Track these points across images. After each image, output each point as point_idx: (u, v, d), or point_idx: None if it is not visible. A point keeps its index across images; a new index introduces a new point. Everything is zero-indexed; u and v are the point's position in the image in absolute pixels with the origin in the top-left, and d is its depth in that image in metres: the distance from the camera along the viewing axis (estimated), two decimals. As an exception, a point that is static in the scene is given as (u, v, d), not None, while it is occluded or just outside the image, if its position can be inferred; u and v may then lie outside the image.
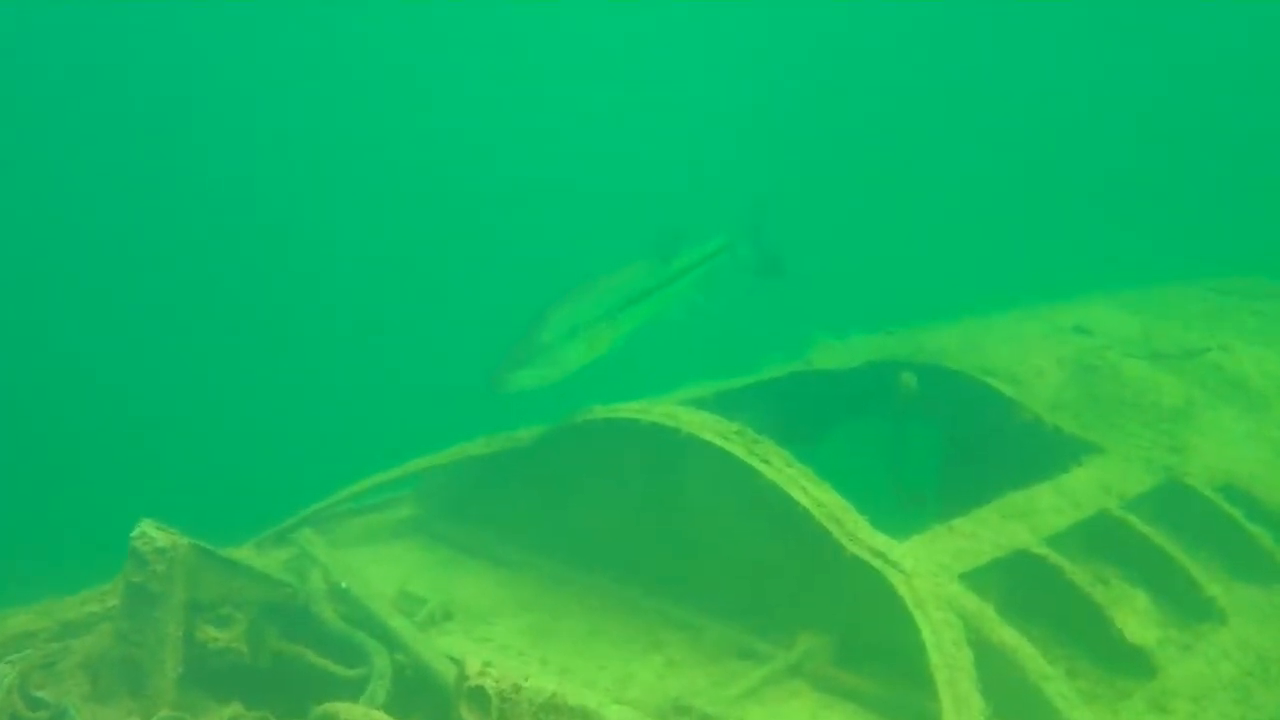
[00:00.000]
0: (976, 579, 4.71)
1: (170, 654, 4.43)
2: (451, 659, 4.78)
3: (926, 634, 4.31)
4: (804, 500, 4.71)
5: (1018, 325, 7.09)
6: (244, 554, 5.46)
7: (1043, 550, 4.90)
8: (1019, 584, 4.87)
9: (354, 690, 4.70)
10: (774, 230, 5.95)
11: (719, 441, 4.93)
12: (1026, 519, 5.06)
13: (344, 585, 5.31)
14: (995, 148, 23.12)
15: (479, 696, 3.69)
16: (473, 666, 3.73)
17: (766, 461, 4.84)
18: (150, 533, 4.45)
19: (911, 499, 6.95)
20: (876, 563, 4.57)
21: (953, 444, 6.86)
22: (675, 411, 5.15)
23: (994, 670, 4.32)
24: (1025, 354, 6.40)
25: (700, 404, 5.98)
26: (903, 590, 4.47)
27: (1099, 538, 5.18)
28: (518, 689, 3.66)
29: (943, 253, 19.92)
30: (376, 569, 5.66)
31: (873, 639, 4.66)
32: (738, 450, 4.88)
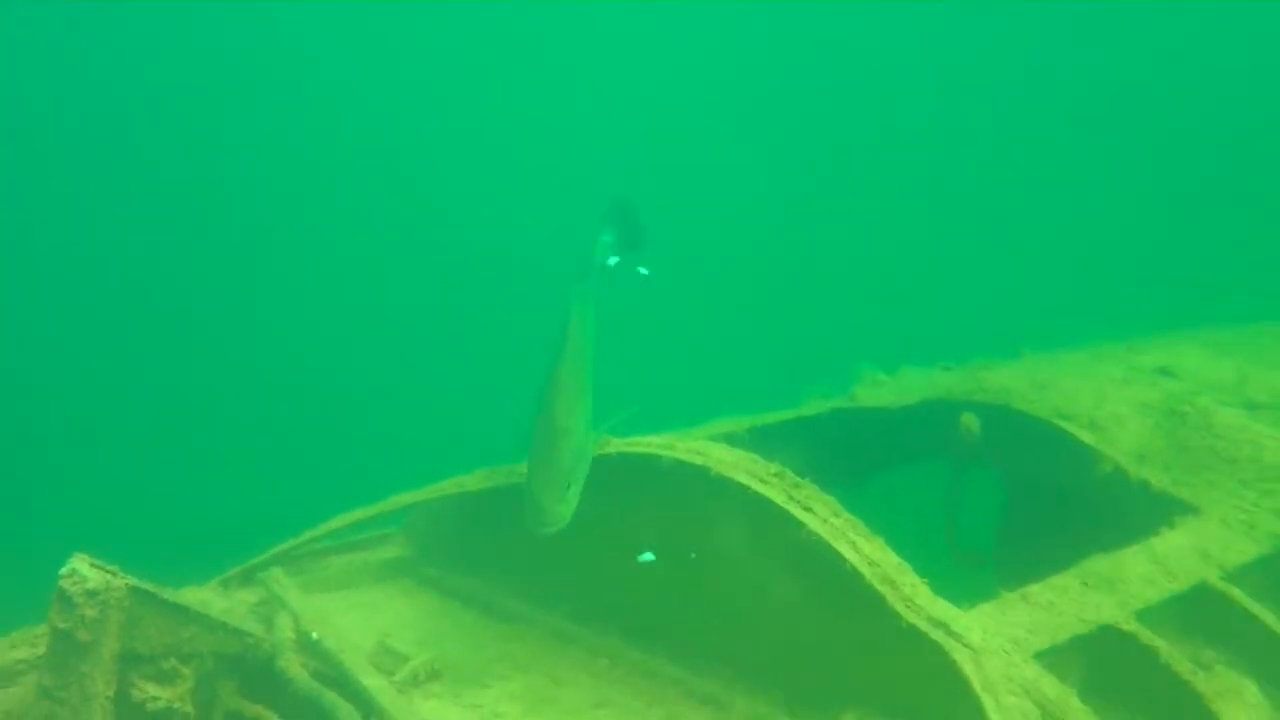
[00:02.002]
0: (1055, 658, 4.15)
1: (98, 715, 3.91)
2: (434, 728, 4.28)
3: (997, 724, 3.74)
4: (852, 557, 4.16)
5: (1091, 365, 6.52)
6: (203, 595, 5.00)
7: (1133, 627, 4.33)
8: (1104, 666, 4.29)
9: (319, 762, 4.19)
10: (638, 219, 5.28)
11: (754, 484, 4.39)
12: (1113, 589, 4.49)
13: (315, 636, 4.81)
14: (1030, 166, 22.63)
15: (456, 787, 3.15)
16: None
17: (809, 510, 4.30)
18: (81, 571, 3.95)
19: (968, 558, 6.41)
20: (937, 635, 4.01)
21: (1018, 496, 6.29)
22: (704, 448, 4.62)
23: (1077, 771, 3.76)
24: (1103, 397, 5.83)
25: (732, 440, 5.46)
26: (969, 669, 3.91)
27: (1198, 614, 4.60)
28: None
29: (971, 278, 19.44)
30: (353, 617, 5.16)
31: (930, 723, 4.09)
32: (776, 495, 4.34)
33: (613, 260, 5.03)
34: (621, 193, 5.18)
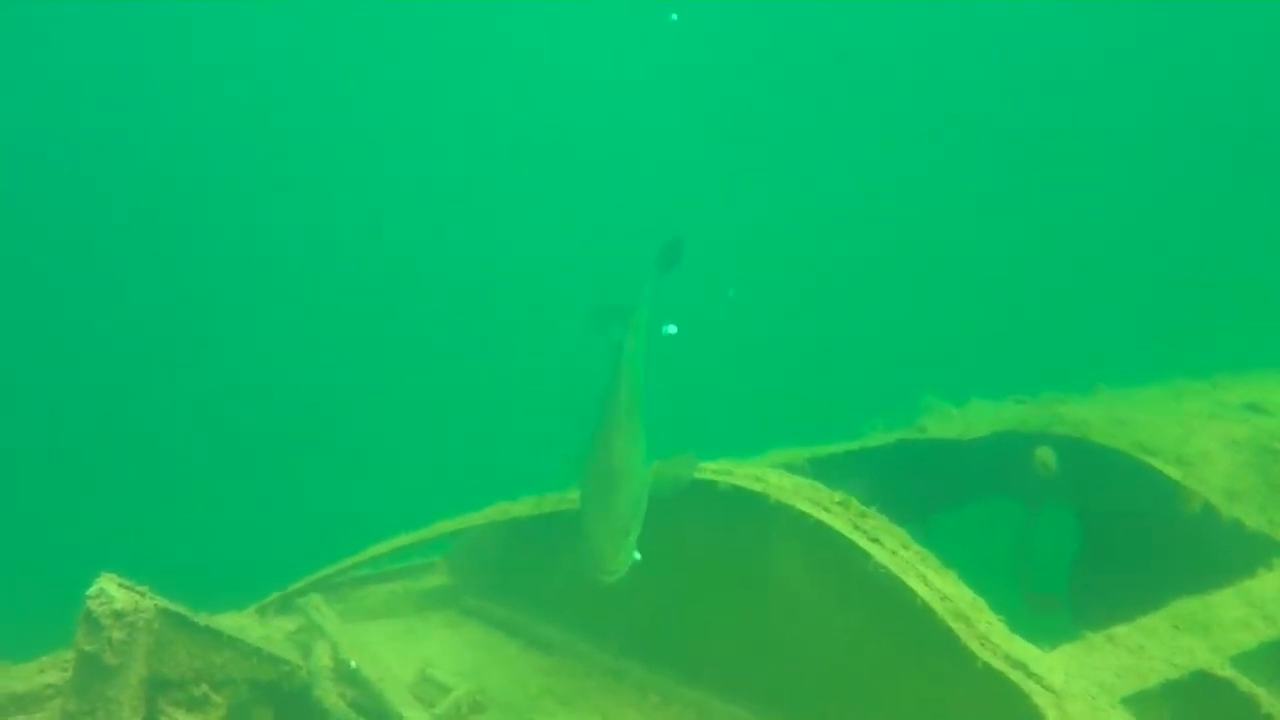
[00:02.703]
0: (1144, 705, 3.85)
1: (124, 742, 3.73)
2: (475, 766, 4.07)
3: (1083, 776, 3.46)
4: (924, 592, 3.90)
5: (1174, 401, 6.22)
6: (239, 621, 4.85)
7: (1229, 673, 4.02)
8: (1195, 715, 3.98)
9: (355, 799, 4.00)
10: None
11: (816, 513, 4.16)
12: (1206, 633, 4.18)
13: (353, 665, 4.63)
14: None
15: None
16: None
17: (876, 541, 4.05)
18: (110, 591, 3.80)
19: (1041, 600, 6.11)
20: (1016, 676, 3.74)
21: (1095, 536, 5.98)
22: (763, 474, 4.39)
23: (1171, 828, 3.46)
24: (1190, 432, 5.52)
25: (790, 470, 5.22)
26: (1051, 715, 3.63)
27: (1299, 661, 4.28)
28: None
29: (1038, 314, 19.05)
30: (394, 647, 4.97)
31: (1007, 774, 3.80)
32: (840, 525, 4.10)
33: (672, 329, 4.88)
34: (676, 234, 4.99)
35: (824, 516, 4.12)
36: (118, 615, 3.80)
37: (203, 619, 4.14)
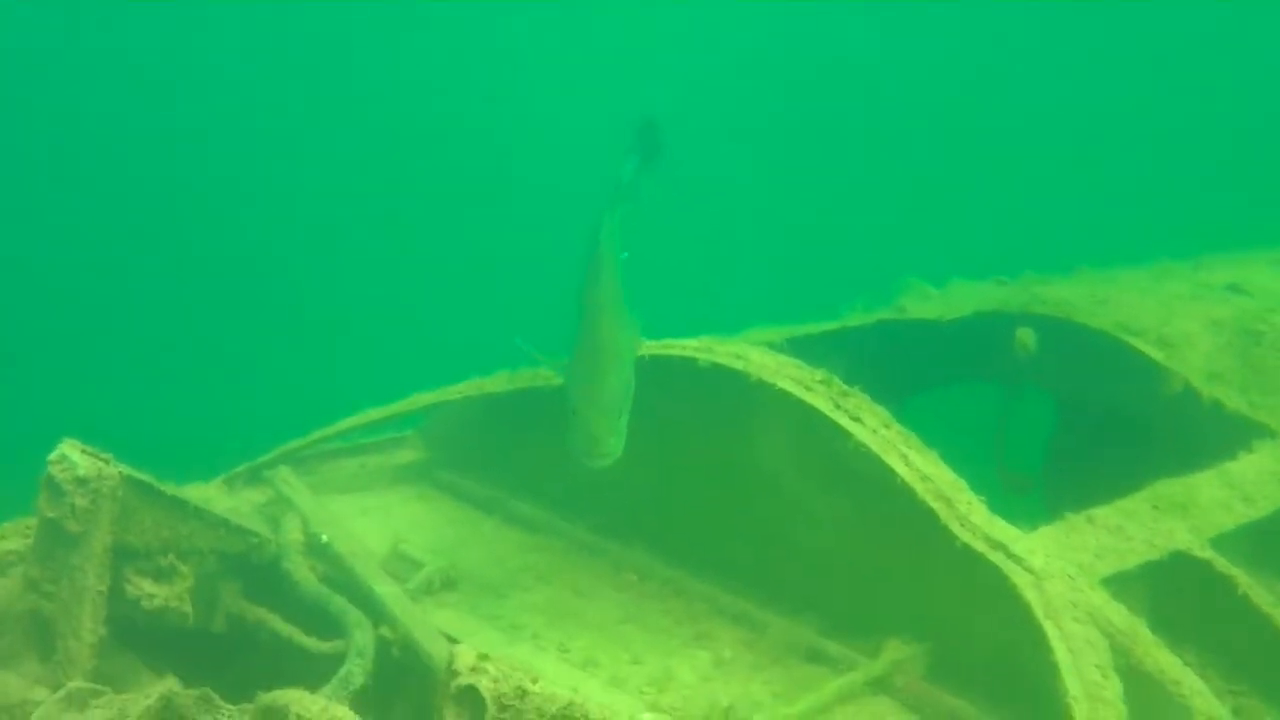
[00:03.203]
0: (1123, 585, 3.85)
1: (89, 611, 3.69)
2: (448, 638, 4.03)
3: (1061, 654, 3.47)
4: (904, 472, 3.87)
5: (1155, 282, 6.15)
6: (206, 492, 4.75)
7: (1207, 554, 4.03)
8: (1176, 595, 4.00)
9: (326, 668, 3.99)
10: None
11: (798, 391, 4.08)
12: (1186, 514, 4.18)
13: (324, 539, 4.57)
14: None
15: (470, 700, 2.90)
16: (465, 659, 2.93)
17: (858, 420, 3.99)
18: (71, 457, 3.69)
19: (1016, 481, 6.12)
20: (995, 556, 3.72)
21: (1073, 417, 5.97)
22: (744, 351, 4.31)
23: (1146, 707, 3.48)
24: (1171, 313, 5.47)
25: (768, 349, 5.15)
26: (1030, 594, 3.62)
27: (1276, 543, 4.29)
28: (522, 693, 2.87)
29: (1018, 195, 18.93)
30: (365, 522, 4.92)
31: (983, 653, 3.83)
32: (821, 403, 4.03)
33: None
34: (648, 115, 4.77)
35: (805, 395, 4.05)
36: (80, 481, 3.70)
37: (169, 488, 4.04)
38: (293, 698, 3.24)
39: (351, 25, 22.97)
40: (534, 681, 2.89)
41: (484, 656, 2.94)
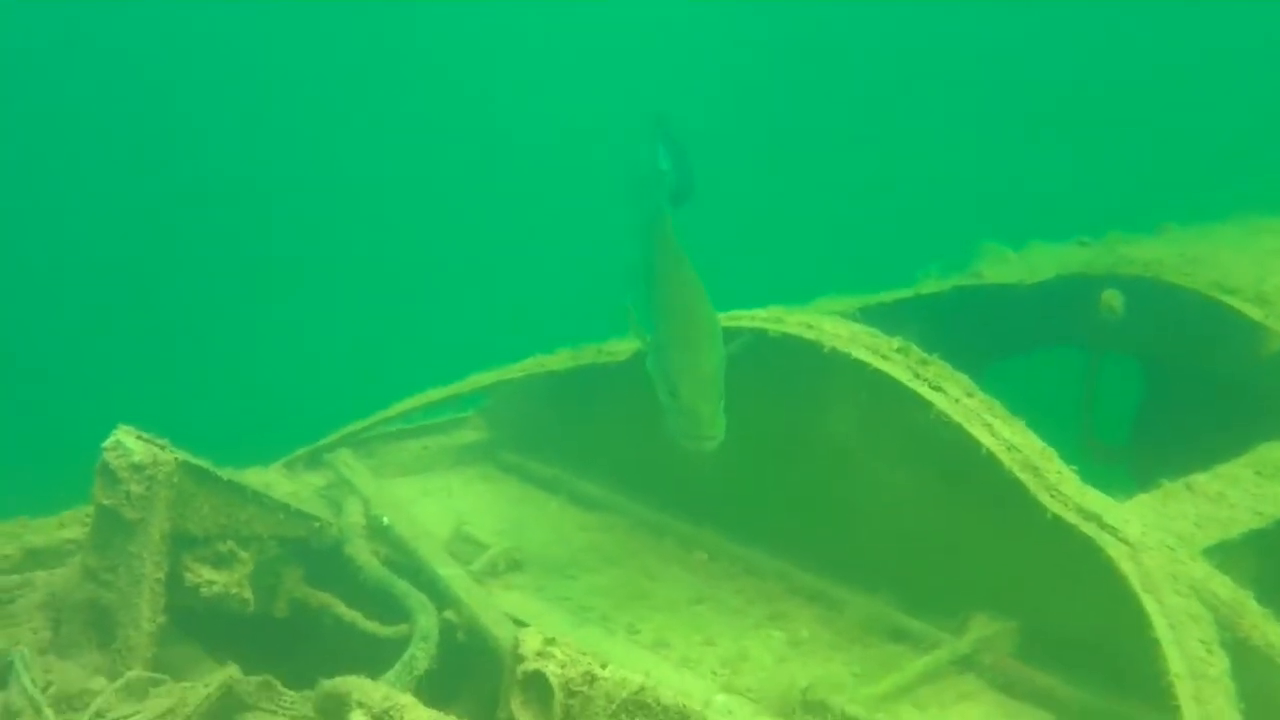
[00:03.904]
0: (1226, 556, 3.64)
1: (147, 599, 3.63)
2: (514, 621, 3.93)
3: (1162, 629, 3.28)
4: (989, 442, 3.69)
5: (1247, 238, 5.87)
6: (267, 477, 4.70)
7: None
8: (1278, 564, 3.78)
9: (390, 653, 3.92)
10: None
11: (874, 361, 3.92)
12: (1292, 479, 3.95)
13: (386, 522, 4.50)
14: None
15: (537, 685, 2.79)
16: (531, 644, 2.82)
17: (939, 389, 3.82)
18: (126, 443, 3.64)
19: (1105, 451, 5.90)
20: (1088, 528, 3.54)
21: (1165, 382, 5.72)
22: (816, 321, 4.15)
23: (1255, 683, 3.28)
24: (1267, 270, 5.20)
25: (841, 319, 4.97)
26: (1126, 567, 3.43)
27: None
28: (591, 679, 2.75)
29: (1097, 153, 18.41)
30: (428, 504, 4.84)
31: (1077, 629, 3.65)
32: (900, 373, 3.87)
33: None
34: (660, 109, 4.59)
35: (882, 364, 3.88)
36: (136, 468, 3.64)
37: (226, 473, 3.98)
38: (354, 685, 3.17)
39: (352, 20, 22.92)
40: (603, 666, 2.76)
41: (551, 640, 2.82)
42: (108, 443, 3.68)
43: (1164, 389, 5.74)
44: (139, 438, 3.71)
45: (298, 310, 15.64)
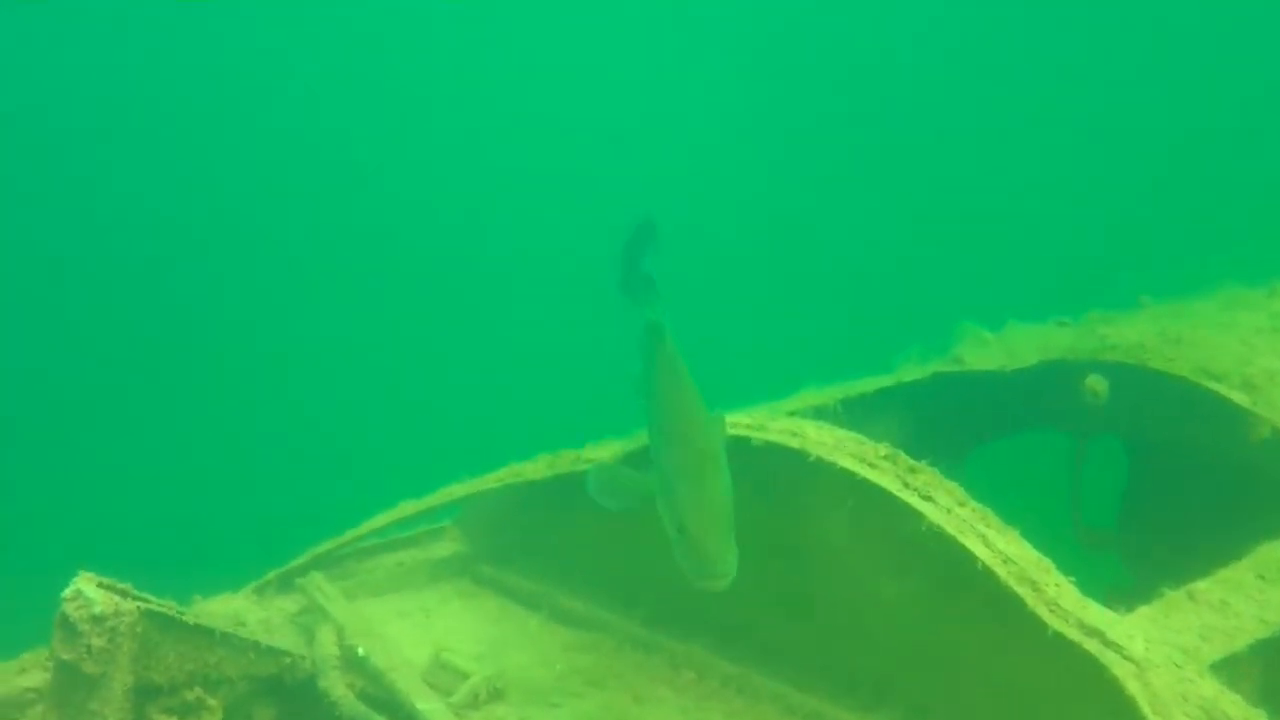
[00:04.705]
0: (1234, 669, 3.53)
1: (111, 759, 3.43)
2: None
3: (1174, 756, 3.15)
4: (984, 555, 3.57)
5: (1228, 314, 5.83)
6: (236, 604, 4.55)
7: None
8: (1284, 673, 3.67)
9: (369, 796, 3.72)
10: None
11: (861, 470, 3.81)
12: (1294, 581, 3.85)
13: (361, 652, 4.32)
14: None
15: None
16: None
17: (929, 499, 3.71)
18: (87, 593, 3.47)
19: (1093, 538, 5.80)
20: (1092, 645, 3.42)
21: (1151, 468, 5.65)
22: (799, 427, 4.04)
23: (1271, 808, 3.16)
24: (1252, 351, 5.15)
25: (821, 414, 4.90)
26: (1133, 687, 3.31)
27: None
28: None
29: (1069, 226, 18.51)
30: (404, 626, 4.68)
31: (1084, 752, 3.50)
32: (888, 483, 3.75)
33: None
34: (648, 215, 4.51)
35: (869, 474, 3.77)
36: (97, 620, 3.48)
37: (192, 616, 3.82)
38: None
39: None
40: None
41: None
42: (67, 592, 3.52)
43: (1151, 474, 5.66)
44: (100, 584, 3.55)
45: (271, 420, 15.44)
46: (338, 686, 4.16)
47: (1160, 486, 5.62)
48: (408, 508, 5.03)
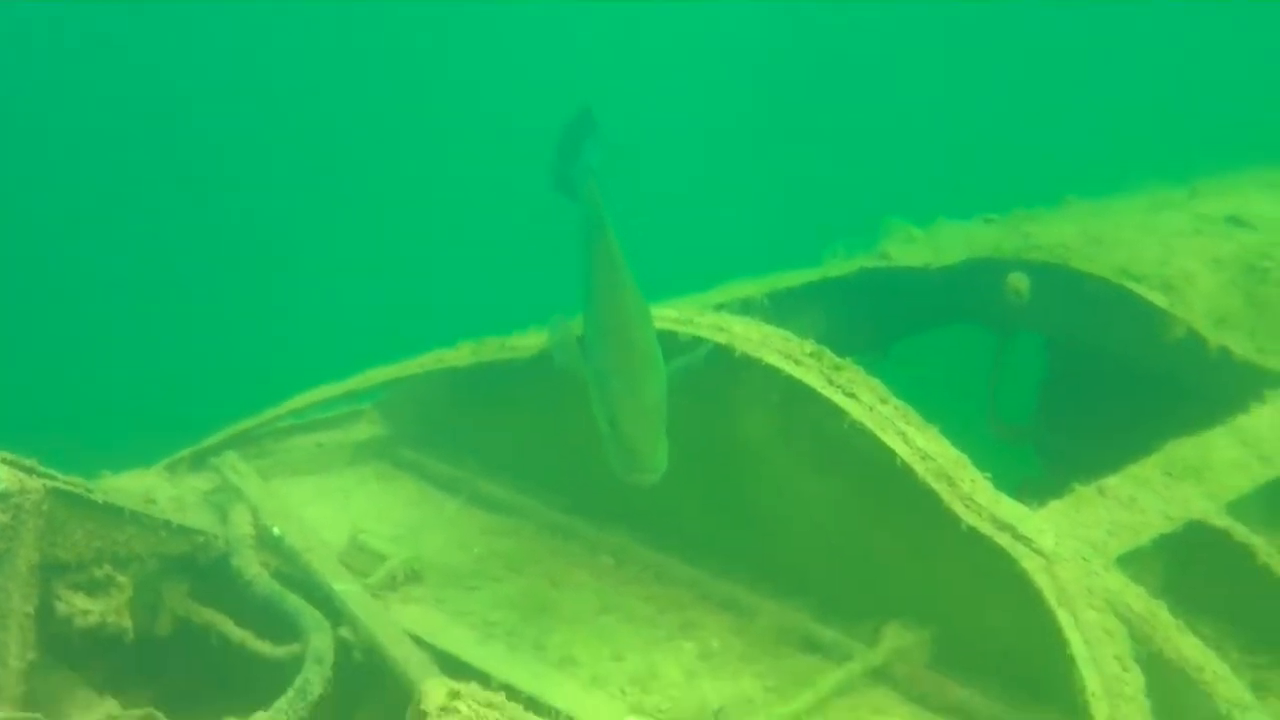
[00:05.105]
0: (1138, 563, 3.63)
1: (16, 636, 3.39)
2: (414, 639, 3.77)
3: (1077, 646, 3.25)
4: (903, 451, 3.61)
5: (1151, 215, 5.88)
6: (148, 481, 4.45)
7: (1225, 522, 3.82)
8: (1190, 567, 3.79)
9: (281, 675, 3.73)
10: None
11: (786, 366, 3.80)
12: (1200, 478, 3.97)
13: (277, 532, 4.27)
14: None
15: (441, 744, 2.63)
16: (433, 699, 2.66)
17: (852, 395, 3.72)
18: (-11, 470, 3.36)
19: (1008, 432, 5.90)
20: (1003, 539, 3.49)
21: (1068, 365, 5.73)
22: (726, 323, 4.01)
23: (1167, 695, 3.27)
24: (1171, 252, 5.21)
25: (748, 307, 4.87)
26: (1041, 580, 3.40)
27: (1295, 503, 4.09)
28: (500, 737, 2.60)
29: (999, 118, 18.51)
30: (322, 509, 4.62)
31: (992, 641, 3.61)
32: (812, 379, 3.75)
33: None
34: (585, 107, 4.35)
35: (794, 370, 3.77)
36: (1, 496, 3.38)
37: (100, 494, 3.73)
38: (241, 733, 2.98)
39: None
40: (510, 721, 2.62)
41: (455, 694, 2.67)
42: (-32, 470, 3.41)
43: (1070, 371, 5.76)
44: (4, 461, 3.45)
45: (189, 296, 15.04)
46: (252, 565, 4.11)
47: (1078, 384, 5.71)
48: (327, 390, 4.94)
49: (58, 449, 3.87)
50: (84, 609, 3.61)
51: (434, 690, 2.67)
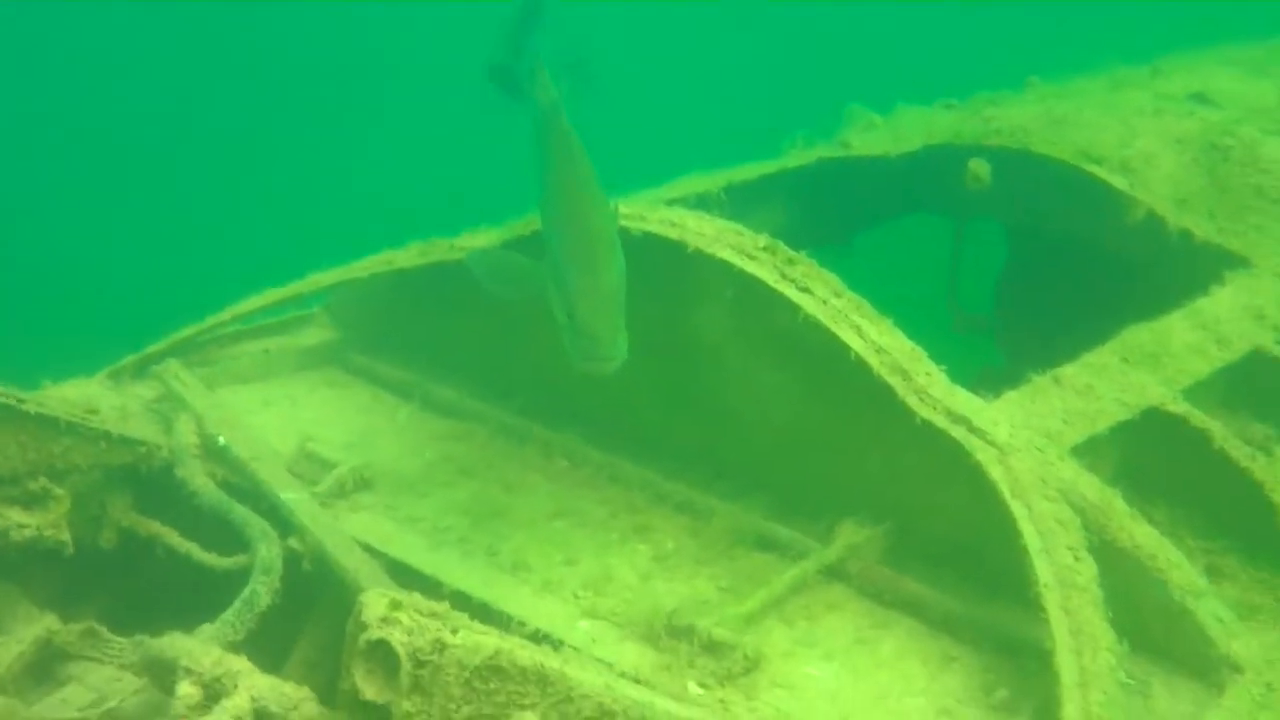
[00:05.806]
0: (1094, 452, 3.59)
1: (-52, 555, 3.29)
2: (364, 548, 3.71)
3: (1030, 537, 3.22)
4: (857, 344, 3.53)
5: (1113, 94, 5.76)
6: (89, 390, 4.33)
7: (1181, 408, 3.78)
8: (1148, 455, 3.76)
9: (229, 585, 3.65)
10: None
11: (739, 261, 3.71)
12: (1157, 364, 3.92)
13: (222, 441, 4.17)
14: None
15: (382, 655, 2.57)
16: (374, 609, 2.60)
17: (806, 289, 3.63)
18: (-89, 385, 3.23)
19: (967, 321, 5.85)
20: (957, 431, 3.44)
21: (1030, 252, 5.66)
22: (679, 218, 3.89)
23: (1122, 583, 3.25)
24: (1132, 132, 5.10)
25: (704, 201, 4.75)
26: (995, 471, 3.35)
27: (1254, 387, 4.05)
28: (441, 647, 2.55)
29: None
30: (270, 416, 4.53)
31: (946, 534, 3.59)
32: (766, 274, 3.66)
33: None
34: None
35: (748, 265, 3.67)
36: (-73, 412, 3.26)
37: (34, 404, 3.61)
38: (181, 648, 2.93)
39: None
40: (454, 632, 2.56)
41: (396, 604, 2.61)
42: (-109, 385, 3.28)
43: (1030, 258, 5.69)
44: (-73, 377, 3.32)
45: (128, 201, 14.66)
46: (197, 476, 4.02)
47: (1037, 271, 5.65)
48: (273, 294, 4.79)
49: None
50: (20, 522, 3.53)
51: (374, 601, 2.61)
